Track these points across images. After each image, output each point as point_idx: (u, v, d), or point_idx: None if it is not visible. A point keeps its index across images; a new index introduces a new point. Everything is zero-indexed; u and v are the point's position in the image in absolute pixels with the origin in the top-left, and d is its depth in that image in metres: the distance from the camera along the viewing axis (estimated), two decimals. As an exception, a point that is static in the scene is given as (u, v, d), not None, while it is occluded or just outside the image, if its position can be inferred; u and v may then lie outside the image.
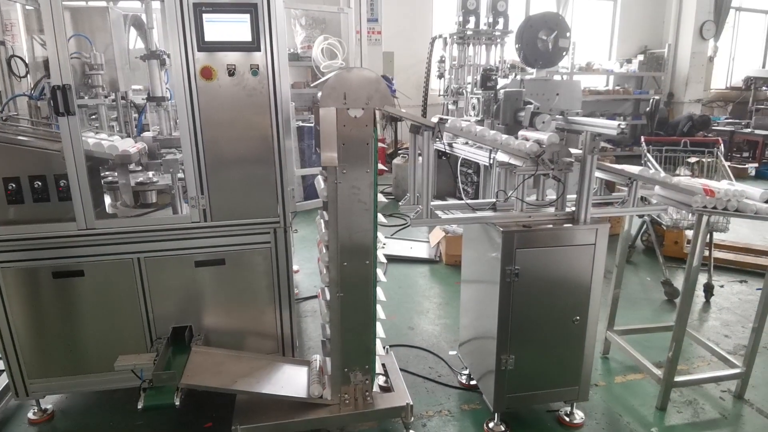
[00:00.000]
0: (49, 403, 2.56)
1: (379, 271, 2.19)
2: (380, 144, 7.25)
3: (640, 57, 10.23)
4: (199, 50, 2.12)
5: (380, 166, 2.08)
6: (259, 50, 2.16)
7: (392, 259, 4.59)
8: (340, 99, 1.89)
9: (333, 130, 1.91)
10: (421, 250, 4.81)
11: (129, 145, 2.42)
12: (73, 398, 2.64)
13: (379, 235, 2.15)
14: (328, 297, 2.12)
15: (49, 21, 2.03)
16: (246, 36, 2.14)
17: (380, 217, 2.13)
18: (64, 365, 2.42)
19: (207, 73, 2.14)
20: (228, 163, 2.26)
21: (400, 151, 7.70)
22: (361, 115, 1.92)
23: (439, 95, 6.95)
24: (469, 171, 4.75)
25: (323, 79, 2.01)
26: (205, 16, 2.09)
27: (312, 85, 2.79)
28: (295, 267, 4.27)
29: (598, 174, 2.30)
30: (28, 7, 2.93)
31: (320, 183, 2.11)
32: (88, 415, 2.52)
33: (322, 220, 2.13)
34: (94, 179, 2.32)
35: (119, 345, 2.38)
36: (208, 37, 2.11)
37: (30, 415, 2.50)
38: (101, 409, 2.56)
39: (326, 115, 1.90)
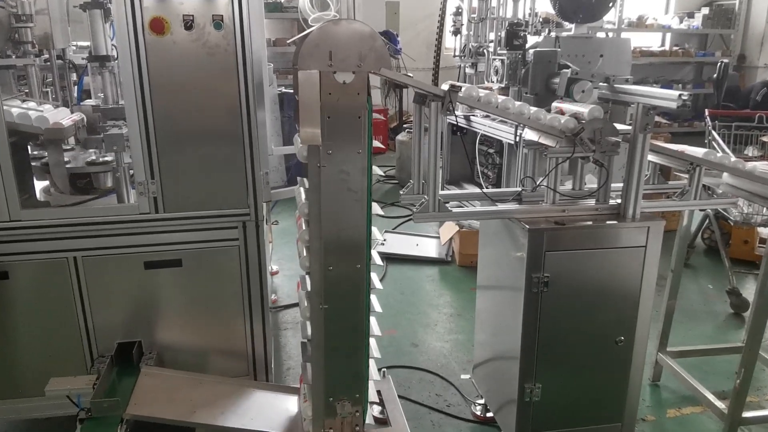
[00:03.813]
0: (-30, 432, 2.54)
1: (374, 276, 2.13)
2: (376, 115, 7.16)
3: (705, 10, 10.04)
4: (148, -4, 2.06)
5: (376, 143, 2.00)
6: (224, -4, 2.10)
7: (394, 258, 4.55)
8: (324, 59, 1.81)
9: (315, 99, 1.83)
10: (429, 248, 4.76)
11: (63, 117, 2.37)
12: (0, 427, 2.63)
13: (374, 229, 2.08)
14: (306, 303, 2.06)
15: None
16: (207, -22, 2.07)
17: (375, 207, 2.06)
18: (-13, 388, 2.40)
19: (158, 25, 2.08)
20: (185, 140, 2.22)
21: (405, 125, 7.62)
22: (351, 80, 1.84)
23: (455, 56, 6.85)
24: (490, 151, 4.68)
25: (303, 33, 1.93)
26: (155, -48, 2.02)
27: (289, 41, 2.72)
28: (273, 267, 4.24)
29: (651, 157, 2.23)
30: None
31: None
32: (16, 449, 2.50)
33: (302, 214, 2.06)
34: (19, 159, 2.28)
35: (54, 364, 2.36)
36: (160, -21, 2.04)
37: (-54, 447, 2.49)
38: (33, 441, 2.54)
39: (307, 80, 1.81)
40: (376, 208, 2.07)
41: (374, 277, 2.14)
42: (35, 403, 2.38)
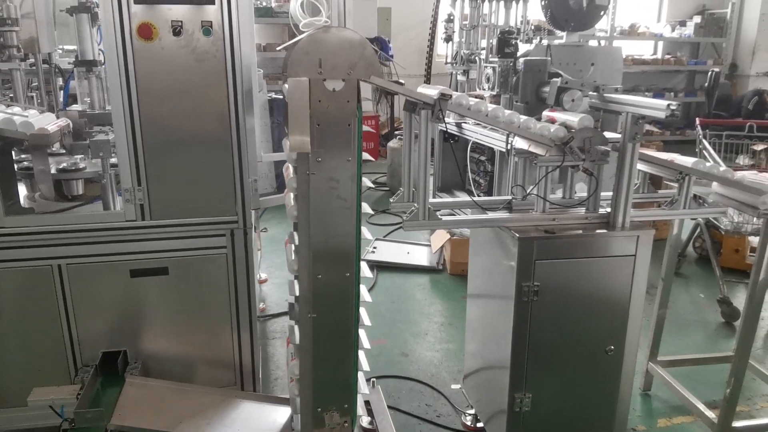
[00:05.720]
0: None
1: (364, 265, 2.13)
2: (366, 127, 7.20)
3: (697, 19, 10.18)
4: (135, 2, 2.08)
5: (366, 156, 2.02)
6: (213, 3, 2.12)
7: (385, 266, 4.56)
8: (314, 67, 1.83)
9: (305, 106, 1.85)
10: (420, 256, 4.78)
11: (48, 122, 2.37)
12: (-22, 439, 2.60)
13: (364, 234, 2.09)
14: (295, 266, 2.04)
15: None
16: (196, -16, 2.09)
17: (366, 208, 2.07)
18: (-33, 398, 2.39)
19: (146, 31, 2.10)
20: (172, 146, 2.23)
21: (396, 132, 7.66)
22: (341, 87, 1.86)
23: (446, 63, 6.89)
24: (482, 158, 4.70)
25: (293, 40, 1.95)
26: (144, -43, 2.04)
27: (279, 48, 2.74)
28: (262, 275, 4.23)
29: (640, 166, 2.27)
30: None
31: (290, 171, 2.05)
32: (-5, 461, 2.48)
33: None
34: (4, 164, 2.30)
35: (37, 374, 2.36)
36: (148, -16, 2.06)
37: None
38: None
39: (296, 88, 1.83)
40: (366, 208, 2.08)
41: (364, 266, 2.13)
42: (18, 413, 2.37)
